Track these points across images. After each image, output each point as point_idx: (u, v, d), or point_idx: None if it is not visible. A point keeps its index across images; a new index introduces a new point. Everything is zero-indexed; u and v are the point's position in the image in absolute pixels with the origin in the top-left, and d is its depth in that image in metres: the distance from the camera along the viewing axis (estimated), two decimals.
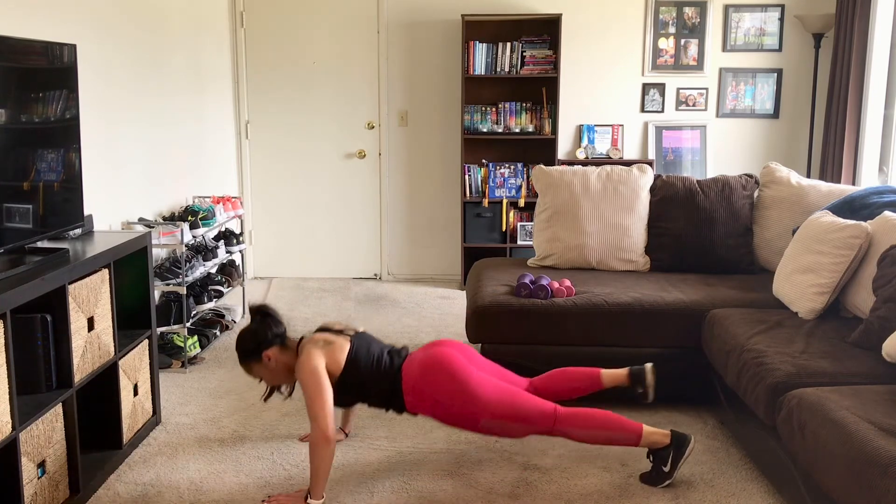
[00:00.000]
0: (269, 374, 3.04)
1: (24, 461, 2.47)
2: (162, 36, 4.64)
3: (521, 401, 2.90)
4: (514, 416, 2.88)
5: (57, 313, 2.68)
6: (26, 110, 2.72)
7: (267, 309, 3.08)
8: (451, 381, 2.90)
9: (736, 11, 5.86)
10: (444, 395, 2.90)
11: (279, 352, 3.01)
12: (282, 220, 6.21)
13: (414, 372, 2.96)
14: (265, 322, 3.04)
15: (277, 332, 3.03)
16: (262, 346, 2.99)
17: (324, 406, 2.78)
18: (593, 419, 2.90)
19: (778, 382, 2.77)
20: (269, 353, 2.99)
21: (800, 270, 3.44)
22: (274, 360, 3.00)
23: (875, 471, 2.12)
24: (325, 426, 2.75)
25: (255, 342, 3.00)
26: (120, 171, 4.10)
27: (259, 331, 3.01)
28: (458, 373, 2.91)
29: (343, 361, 2.94)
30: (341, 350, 2.96)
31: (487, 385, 2.92)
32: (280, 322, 3.06)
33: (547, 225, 4.24)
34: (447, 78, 5.98)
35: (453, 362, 2.94)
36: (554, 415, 2.88)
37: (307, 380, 2.83)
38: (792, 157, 5.99)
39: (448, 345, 3.06)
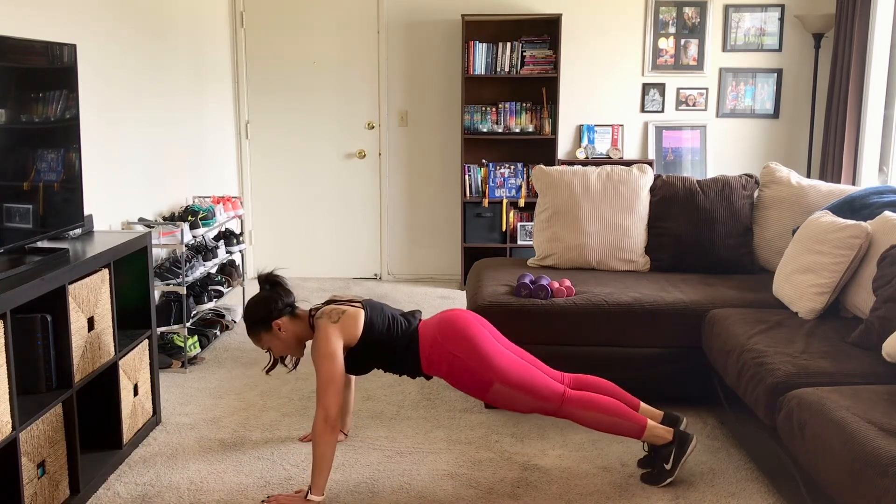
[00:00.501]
0: (279, 343, 3.01)
1: (24, 461, 2.47)
2: (162, 36, 4.64)
3: (534, 374, 2.93)
4: (525, 387, 2.89)
5: (57, 313, 2.68)
6: (26, 110, 2.72)
7: (276, 277, 3.05)
8: (469, 340, 2.93)
9: (736, 11, 5.86)
10: (462, 351, 2.91)
11: (289, 321, 2.99)
12: (282, 220, 6.21)
13: (431, 329, 2.99)
14: (275, 290, 3.01)
15: (287, 300, 3.01)
16: (273, 315, 2.97)
17: (331, 392, 2.77)
18: (601, 405, 2.91)
19: (778, 382, 2.77)
20: (279, 322, 2.97)
21: (800, 270, 3.44)
22: (284, 329, 2.98)
23: (875, 471, 2.12)
24: (331, 412, 2.74)
25: (265, 311, 2.97)
26: (120, 171, 4.10)
27: (269, 299, 2.98)
28: (476, 334, 2.96)
29: (359, 330, 2.93)
30: (356, 319, 2.94)
31: (502, 352, 2.96)
32: (289, 291, 3.04)
33: (547, 225, 4.24)
34: (447, 78, 5.98)
35: (471, 324, 2.99)
36: (563, 395, 2.89)
37: (323, 363, 2.82)
38: (792, 157, 5.99)
39: (466, 311, 3.09)
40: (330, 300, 3.08)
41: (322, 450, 2.74)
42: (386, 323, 2.99)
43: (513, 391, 2.90)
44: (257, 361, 4.31)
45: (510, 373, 2.90)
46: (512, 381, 2.89)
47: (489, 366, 2.90)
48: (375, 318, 2.98)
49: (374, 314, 2.99)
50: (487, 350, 2.92)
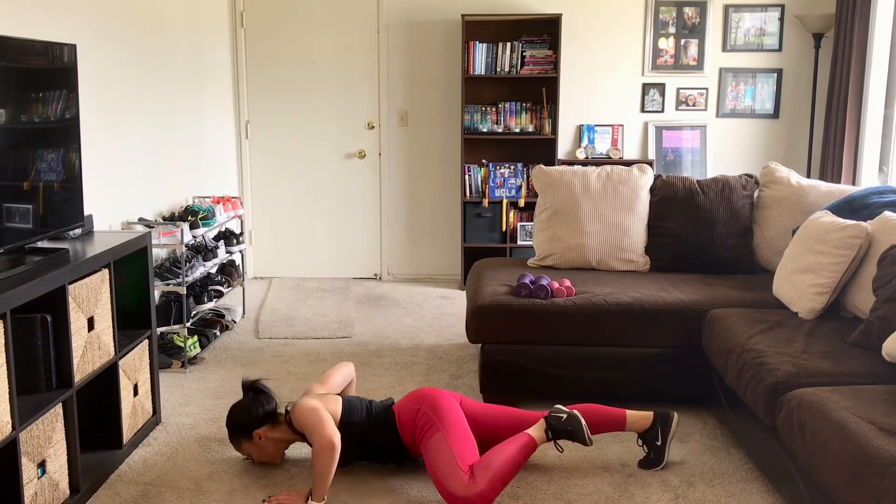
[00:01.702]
0: (258, 451, 3.05)
1: (24, 461, 2.47)
2: (162, 36, 4.64)
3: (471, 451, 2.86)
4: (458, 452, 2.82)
5: (57, 313, 2.68)
6: (26, 110, 2.72)
7: (259, 385, 3.10)
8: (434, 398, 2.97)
9: (736, 11, 5.86)
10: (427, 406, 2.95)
11: (269, 430, 3.03)
12: (282, 220, 6.21)
13: (403, 400, 3.06)
14: (257, 398, 3.05)
15: (269, 408, 3.04)
16: (254, 424, 3.01)
17: (325, 422, 2.82)
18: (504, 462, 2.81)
19: (778, 382, 2.77)
20: (259, 431, 3.01)
21: (800, 270, 3.44)
22: (264, 437, 3.02)
23: (875, 471, 2.12)
24: (329, 436, 2.78)
25: (246, 419, 3.02)
26: (120, 171, 4.10)
27: (251, 407, 3.03)
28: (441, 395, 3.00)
29: (339, 411, 2.99)
30: (336, 401, 3.02)
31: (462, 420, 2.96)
32: (272, 398, 3.08)
33: (547, 225, 4.24)
34: (447, 78, 5.98)
35: (440, 391, 3.04)
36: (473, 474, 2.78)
37: (306, 414, 2.87)
38: (792, 157, 5.99)
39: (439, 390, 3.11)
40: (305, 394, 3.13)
41: (324, 467, 2.77)
42: (363, 406, 3.05)
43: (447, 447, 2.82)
44: (257, 362, 4.31)
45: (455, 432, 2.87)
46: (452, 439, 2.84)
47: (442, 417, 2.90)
48: (353, 403, 3.04)
49: (352, 401, 3.05)
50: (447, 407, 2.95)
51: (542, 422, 2.97)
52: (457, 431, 2.88)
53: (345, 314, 5.19)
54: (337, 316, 5.14)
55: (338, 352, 4.45)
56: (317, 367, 4.21)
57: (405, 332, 4.81)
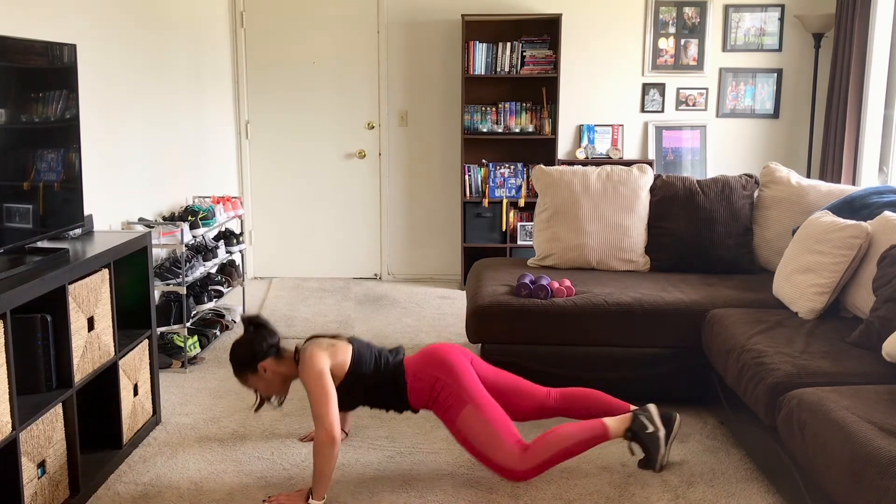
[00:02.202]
0: (263, 384, 3.04)
1: (24, 461, 2.47)
2: (162, 36, 4.64)
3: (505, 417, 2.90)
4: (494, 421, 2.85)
5: (57, 313, 2.68)
6: (26, 110, 2.72)
7: (260, 319, 3.08)
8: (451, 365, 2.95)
9: (736, 11, 5.86)
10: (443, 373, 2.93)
11: (274, 362, 3.01)
12: (282, 220, 6.21)
13: (415, 360, 3.02)
14: (259, 333, 3.03)
15: (271, 342, 3.03)
16: (258, 358, 2.99)
17: (329, 408, 2.79)
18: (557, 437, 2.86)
19: (778, 382, 2.77)
20: (264, 364, 2.99)
21: (800, 270, 3.44)
22: (269, 371, 3.00)
23: (875, 471, 2.12)
24: (330, 427, 2.76)
25: (249, 353, 3.00)
26: (120, 171, 4.10)
27: (253, 342, 3.01)
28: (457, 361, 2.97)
29: (347, 361, 2.95)
30: (344, 350, 2.98)
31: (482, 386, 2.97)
32: (274, 332, 3.07)
33: (547, 225, 4.24)
34: (447, 78, 5.98)
35: (454, 353, 3.02)
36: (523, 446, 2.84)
37: (313, 383, 2.83)
38: (792, 157, 5.99)
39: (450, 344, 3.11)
40: (312, 336, 3.11)
41: (324, 463, 2.75)
42: (373, 357, 3.02)
43: (482, 419, 2.86)
44: None
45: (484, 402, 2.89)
46: (484, 409, 2.87)
47: (467, 389, 2.90)
48: (363, 351, 3.01)
49: (362, 348, 3.03)
50: (467, 376, 2.94)
51: (627, 418, 2.95)
52: (485, 401, 2.89)
53: (345, 314, 5.19)
54: (337, 316, 5.14)
55: None
56: None
57: (405, 332, 4.81)
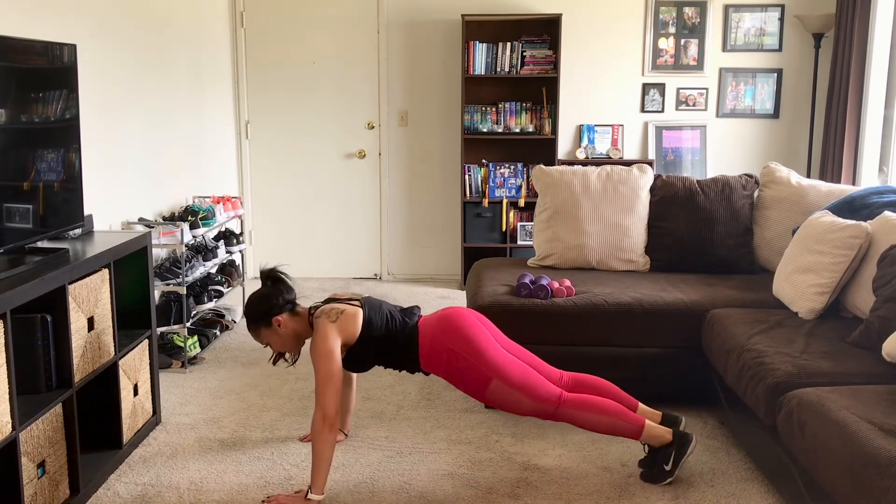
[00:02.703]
0: (278, 339, 3.02)
1: (24, 461, 2.47)
2: (162, 36, 4.64)
3: (532, 375, 2.93)
4: (523, 387, 2.89)
5: (57, 313, 2.68)
6: (26, 110, 2.72)
7: (278, 273, 3.05)
8: (468, 337, 2.93)
9: (736, 11, 5.86)
10: (461, 347, 2.91)
11: (289, 318, 2.99)
12: (282, 220, 6.21)
13: (431, 326, 2.99)
14: (276, 287, 3.01)
15: (288, 297, 3.01)
16: (273, 312, 2.97)
17: (329, 392, 2.78)
18: (598, 406, 2.91)
19: (778, 382, 2.77)
20: (279, 318, 2.97)
21: (800, 270, 3.44)
22: (284, 326, 2.98)
23: (875, 471, 2.12)
24: (329, 411, 2.75)
25: (265, 307, 2.97)
26: (120, 171, 4.10)
27: (270, 295, 2.99)
28: (476, 332, 2.96)
29: (358, 328, 2.93)
30: (354, 318, 2.94)
31: (502, 351, 2.96)
32: (291, 288, 3.04)
33: (547, 225, 4.24)
34: (447, 78, 5.98)
35: (471, 321, 3.00)
36: (559, 397, 2.90)
37: (321, 362, 2.82)
38: (792, 157, 5.99)
39: (466, 308, 3.10)
40: (329, 298, 3.08)
41: (321, 448, 2.74)
42: (384, 321, 2.99)
43: (510, 390, 2.90)
44: (257, 361, 4.31)
45: (509, 372, 2.90)
46: (510, 380, 2.89)
47: (488, 363, 2.90)
48: (374, 316, 2.98)
49: (373, 312, 2.99)
50: (487, 347, 2.93)
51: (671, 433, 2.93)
52: (508, 370, 2.89)
53: None
54: None
55: None
56: None
57: None
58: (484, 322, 3.09)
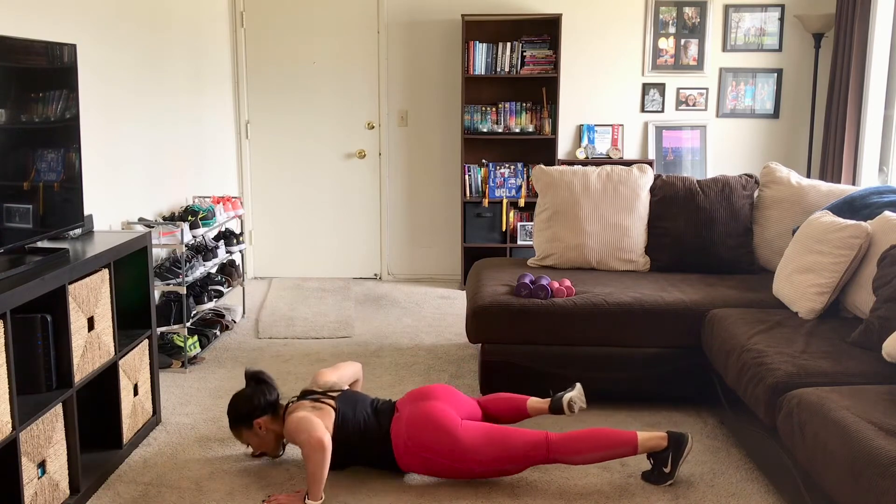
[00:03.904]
0: (257, 441, 3.06)
1: (24, 461, 2.47)
2: (162, 36, 4.64)
3: (512, 440, 2.89)
4: (508, 458, 2.88)
5: (57, 313, 2.68)
6: (26, 110, 2.72)
7: (262, 375, 3.10)
8: (440, 437, 2.90)
9: (736, 11, 5.86)
10: (435, 452, 2.90)
11: (270, 420, 3.03)
12: (282, 220, 6.21)
13: (402, 433, 2.95)
14: (259, 389, 3.05)
15: (270, 399, 3.05)
16: (255, 414, 3.01)
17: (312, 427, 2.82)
18: (587, 440, 2.89)
19: (778, 382, 2.77)
20: (259, 421, 3.01)
21: (800, 270, 3.44)
22: (264, 428, 3.02)
23: (875, 471, 2.12)
24: (315, 436, 2.77)
25: (247, 409, 3.02)
26: (120, 171, 4.10)
27: (252, 397, 3.03)
28: (446, 429, 2.90)
29: (330, 428, 2.96)
30: (328, 417, 2.98)
31: (475, 434, 2.91)
32: (274, 389, 3.09)
33: (547, 225, 4.24)
34: (447, 78, 5.98)
35: (440, 418, 2.92)
36: (546, 443, 2.87)
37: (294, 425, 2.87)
38: (792, 157, 5.99)
39: (432, 396, 3.03)
40: (304, 391, 3.11)
41: (314, 468, 2.77)
42: (359, 424, 2.99)
43: (497, 466, 2.89)
44: (257, 362, 4.31)
45: (488, 452, 2.87)
46: (492, 459, 2.87)
47: (464, 457, 2.88)
48: (348, 418, 2.99)
49: (347, 415, 3.00)
50: (460, 443, 2.88)
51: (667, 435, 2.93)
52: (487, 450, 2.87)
53: (345, 314, 5.19)
54: (337, 316, 5.14)
55: (338, 352, 4.45)
56: (317, 367, 4.21)
57: (405, 332, 4.81)
58: (448, 399, 3.03)
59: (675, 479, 2.95)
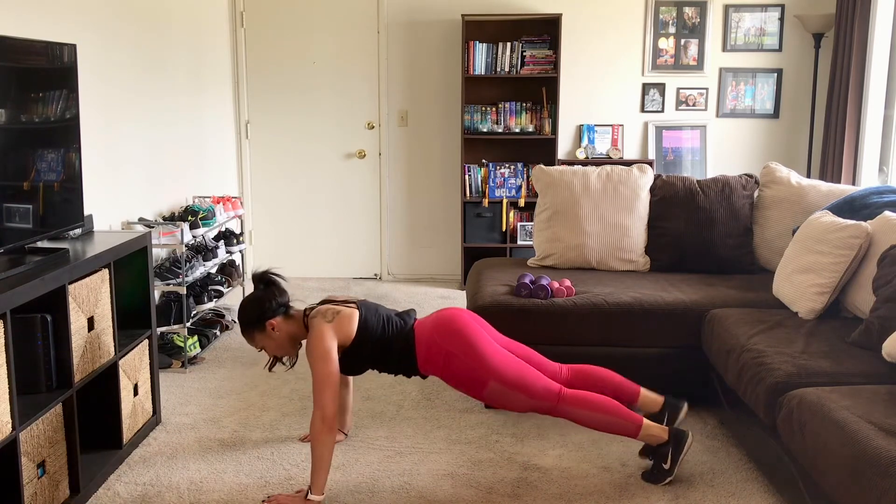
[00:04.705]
0: (272, 343, 3.00)
1: (24, 461, 2.47)
2: (162, 36, 4.64)
3: (530, 373, 2.92)
4: (521, 386, 2.89)
5: (57, 313, 2.68)
6: (26, 110, 2.72)
7: (271, 277, 3.03)
8: (465, 338, 2.92)
9: (736, 11, 5.86)
10: (458, 348, 2.91)
11: (283, 321, 2.97)
12: (282, 220, 6.21)
13: (427, 328, 2.98)
14: (269, 290, 2.99)
15: (281, 300, 2.99)
16: (267, 315, 2.95)
17: (327, 392, 2.77)
18: (596, 403, 2.92)
19: (778, 382, 2.77)
20: (273, 322, 2.95)
21: (800, 270, 3.44)
22: (278, 329, 2.96)
23: (875, 471, 2.12)
24: (325, 408, 2.74)
25: (258, 311, 2.95)
26: (120, 171, 4.10)
27: (263, 299, 2.96)
28: (473, 332, 2.95)
29: (354, 330, 2.92)
30: (350, 319, 2.93)
31: (498, 350, 2.95)
32: (284, 290, 3.03)
33: (547, 225, 4.24)
34: (447, 78, 5.98)
35: (468, 322, 2.99)
36: (559, 394, 2.90)
37: (318, 363, 2.81)
38: (792, 157, 5.99)
39: (462, 309, 3.08)
40: (325, 300, 3.07)
41: (320, 450, 2.73)
42: (381, 323, 2.98)
43: (509, 390, 2.89)
44: (257, 361, 4.31)
45: (506, 371, 2.90)
46: (508, 380, 2.89)
47: (485, 364, 2.89)
48: (370, 317, 2.97)
49: (369, 314, 2.98)
50: (484, 348, 2.92)
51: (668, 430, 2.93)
52: (506, 369, 2.89)
53: None
54: None
55: None
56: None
57: None
58: (480, 322, 3.08)
59: (674, 476, 2.95)
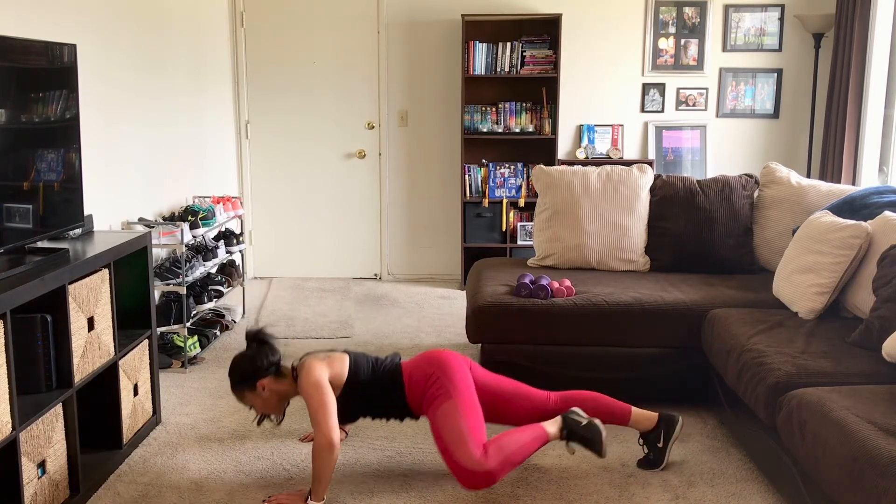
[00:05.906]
0: (260, 402, 3.02)
1: (24, 461, 2.47)
2: (162, 36, 4.64)
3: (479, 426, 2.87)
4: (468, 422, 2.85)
5: (57, 313, 2.68)
6: (26, 110, 2.72)
7: (263, 336, 3.06)
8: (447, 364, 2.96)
9: (736, 11, 5.86)
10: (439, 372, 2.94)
11: (273, 381, 2.99)
12: (282, 220, 6.21)
13: (413, 362, 3.04)
14: (261, 349, 3.02)
15: (273, 360, 3.01)
16: (258, 375, 2.97)
17: (328, 414, 2.79)
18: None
19: (778, 382, 2.77)
20: (263, 381, 2.98)
21: (800, 270, 3.44)
22: (267, 389, 2.98)
23: (875, 471, 2.12)
24: (328, 433, 2.75)
25: (250, 370, 2.98)
26: (120, 171, 4.10)
27: (254, 358, 2.99)
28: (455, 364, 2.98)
29: (345, 371, 2.96)
30: (342, 360, 2.99)
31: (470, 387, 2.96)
32: (276, 350, 3.05)
33: (547, 225, 4.25)
34: (447, 78, 5.98)
35: (452, 354, 3.04)
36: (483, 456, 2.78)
37: (311, 391, 2.84)
38: (792, 157, 5.99)
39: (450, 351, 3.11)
40: (308, 353, 3.10)
41: (322, 467, 2.75)
42: (370, 364, 3.03)
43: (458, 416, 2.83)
44: None
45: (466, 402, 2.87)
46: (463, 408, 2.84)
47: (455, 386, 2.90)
48: (360, 359, 3.02)
49: (358, 357, 3.04)
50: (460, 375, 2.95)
51: (559, 420, 2.94)
52: (468, 402, 2.88)
53: (345, 314, 5.19)
54: (337, 316, 5.14)
55: None
56: None
57: (405, 332, 4.81)
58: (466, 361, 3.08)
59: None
